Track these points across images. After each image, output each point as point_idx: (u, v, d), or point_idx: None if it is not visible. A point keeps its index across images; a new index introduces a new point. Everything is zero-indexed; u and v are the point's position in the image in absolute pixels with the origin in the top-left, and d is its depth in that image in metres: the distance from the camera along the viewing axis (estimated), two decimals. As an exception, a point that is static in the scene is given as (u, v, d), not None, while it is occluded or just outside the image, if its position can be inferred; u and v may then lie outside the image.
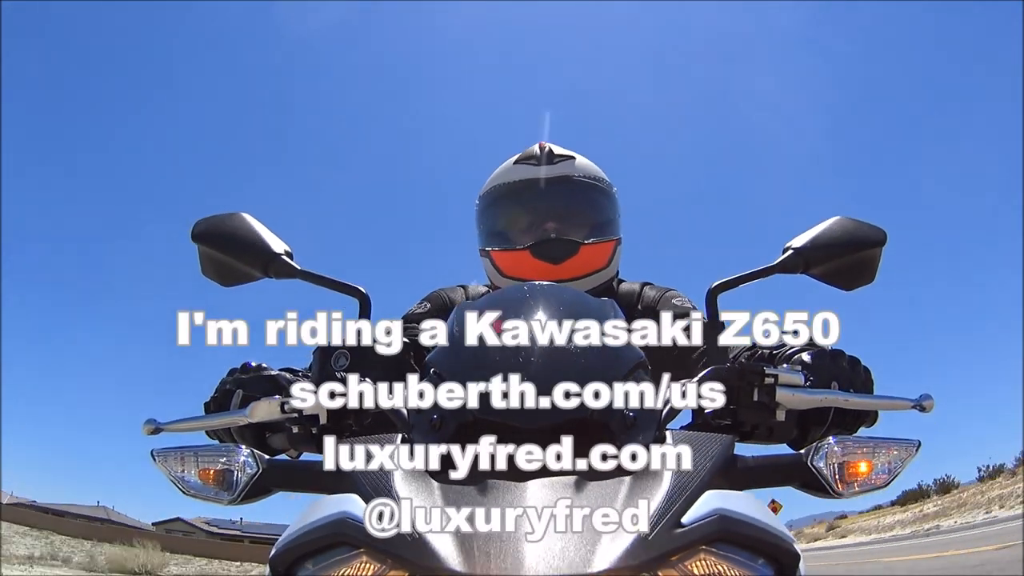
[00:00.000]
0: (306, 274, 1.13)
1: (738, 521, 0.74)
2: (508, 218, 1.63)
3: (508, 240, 1.61)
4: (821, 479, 0.87)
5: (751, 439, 1.04)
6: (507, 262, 1.60)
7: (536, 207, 1.59)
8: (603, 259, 1.61)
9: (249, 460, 0.90)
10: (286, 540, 0.80)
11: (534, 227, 1.58)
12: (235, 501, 0.90)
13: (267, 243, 1.13)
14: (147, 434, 1.04)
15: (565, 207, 1.59)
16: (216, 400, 1.14)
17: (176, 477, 0.94)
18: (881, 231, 1.12)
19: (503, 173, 1.65)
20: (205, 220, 1.16)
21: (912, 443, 0.91)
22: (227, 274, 1.17)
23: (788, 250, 1.10)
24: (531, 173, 1.60)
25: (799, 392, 0.99)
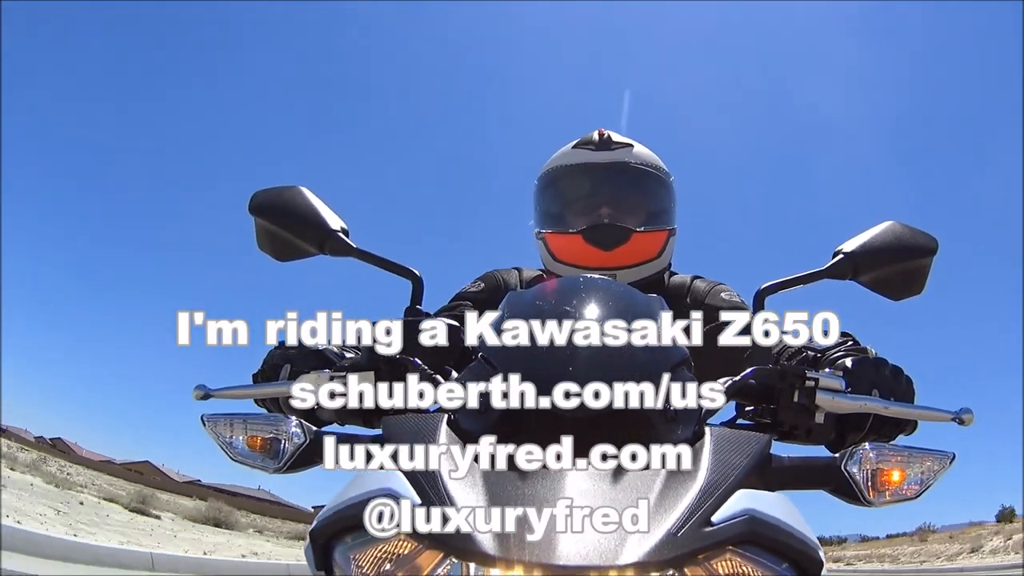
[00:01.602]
0: (361, 253, 1.12)
1: (767, 523, 0.74)
2: (562, 201, 1.63)
3: (562, 223, 1.61)
4: (853, 485, 0.87)
5: (789, 439, 1.04)
6: (559, 245, 1.60)
7: (591, 191, 1.58)
8: (655, 249, 1.59)
9: (297, 431, 0.91)
10: (327, 513, 0.81)
11: (588, 211, 1.57)
12: (281, 470, 0.91)
13: (324, 219, 1.12)
14: (197, 399, 1.05)
15: (620, 193, 1.59)
16: (264, 372, 1.14)
17: (224, 442, 0.94)
18: (933, 239, 1.10)
19: (561, 156, 1.65)
20: (263, 192, 1.15)
21: (947, 455, 0.90)
22: (282, 249, 1.16)
23: (839, 254, 1.09)
24: (588, 158, 1.59)
25: (839, 397, 0.99)
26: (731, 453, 0.81)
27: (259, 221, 1.14)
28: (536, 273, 1.67)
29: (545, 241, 1.63)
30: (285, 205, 1.13)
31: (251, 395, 1.11)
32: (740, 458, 0.81)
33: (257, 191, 1.15)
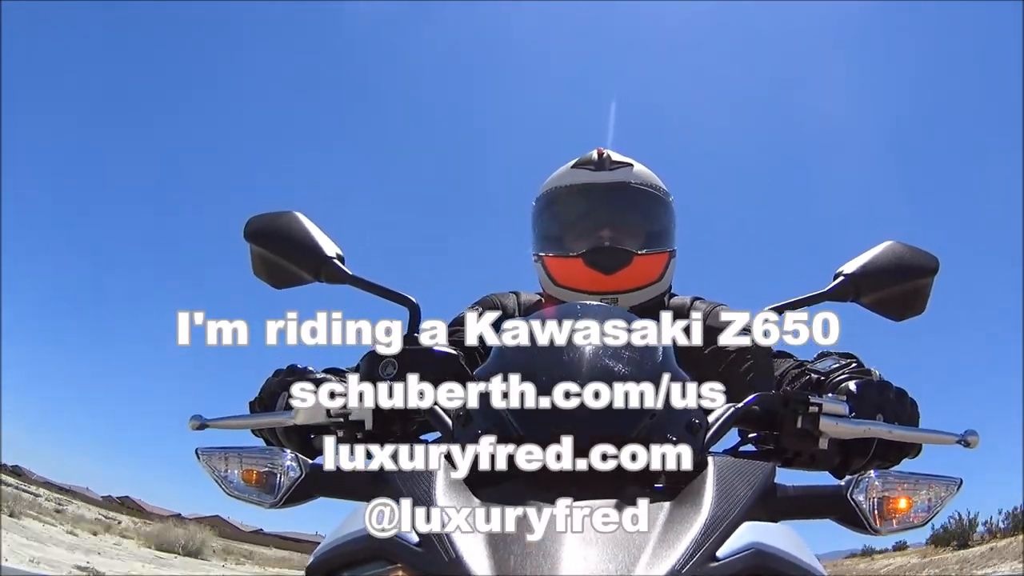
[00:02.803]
0: (356, 280, 1.11)
1: (773, 556, 0.73)
2: (562, 223, 1.60)
3: (561, 246, 1.57)
4: (860, 514, 0.86)
5: (793, 465, 1.04)
6: (559, 269, 1.56)
7: (591, 213, 1.55)
8: (656, 271, 1.57)
9: (292, 464, 0.90)
10: (324, 549, 0.80)
11: (588, 234, 1.54)
12: (277, 504, 0.90)
13: (319, 245, 1.11)
14: (192, 429, 1.04)
15: (620, 215, 1.56)
16: (261, 401, 1.12)
17: (220, 476, 0.93)
18: (934, 259, 1.10)
19: (559, 177, 1.62)
20: (258, 218, 1.14)
21: (954, 481, 0.90)
22: (278, 276, 1.15)
23: (839, 276, 1.08)
24: (588, 178, 1.56)
25: (843, 422, 0.98)
26: (735, 483, 0.80)
27: (255, 248, 1.14)
28: (535, 298, 1.65)
29: (544, 264, 1.59)
30: (280, 231, 1.12)
31: (248, 425, 1.09)
32: (745, 489, 0.80)
33: (252, 216, 1.14)
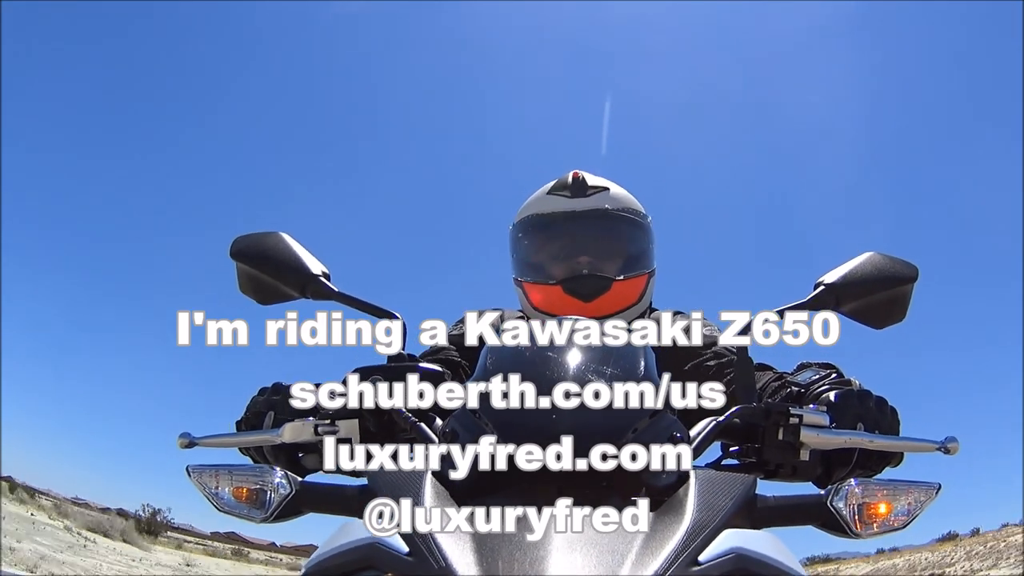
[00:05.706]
0: (343, 296, 1.13)
1: (754, 560, 0.74)
2: (540, 251, 1.61)
3: (540, 273, 1.59)
4: (840, 520, 0.87)
5: (775, 477, 1.05)
6: (538, 295, 1.59)
7: (568, 241, 1.56)
8: (635, 294, 1.59)
9: (282, 481, 0.91)
10: (315, 561, 0.80)
11: (566, 261, 1.55)
12: (267, 520, 0.91)
13: (305, 264, 1.14)
14: (181, 447, 1.05)
15: (598, 242, 1.57)
16: (247, 420, 1.13)
17: (211, 493, 0.95)
18: (914, 267, 1.13)
19: (535, 203, 1.62)
20: (244, 238, 1.17)
21: (932, 486, 0.91)
22: (264, 293, 1.17)
23: (820, 286, 1.10)
24: (564, 205, 1.56)
25: (823, 433, 1.00)
26: (717, 495, 0.81)
27: (241, 266, 1.16)
28: (518, 315, 1.66)
29: (524, 290, 1.62)
30: (266, 250, 1.14)
31: (235, 444, 1.11)
32: (726, 500, 0.81)
33: (238, 236, 1.16)
